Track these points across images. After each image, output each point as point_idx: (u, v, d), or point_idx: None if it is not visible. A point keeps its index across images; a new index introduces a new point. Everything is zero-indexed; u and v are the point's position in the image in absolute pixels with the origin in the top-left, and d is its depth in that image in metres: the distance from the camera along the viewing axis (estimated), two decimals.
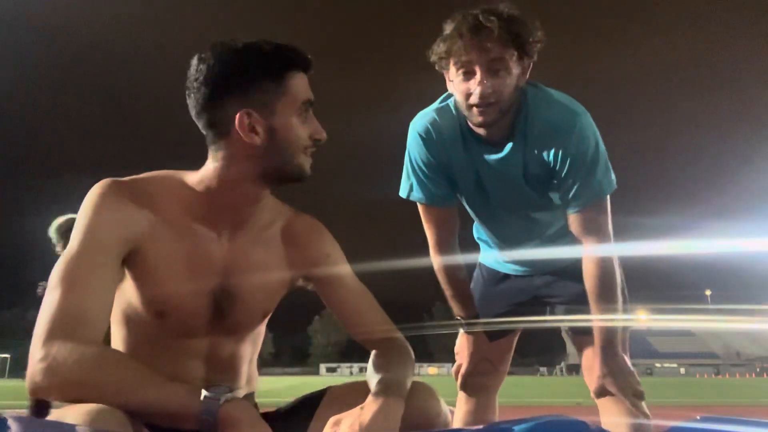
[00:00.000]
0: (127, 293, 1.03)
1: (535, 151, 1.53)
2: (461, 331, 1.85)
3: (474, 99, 1.43)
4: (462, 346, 1.86)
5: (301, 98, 1.03)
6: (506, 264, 1.88)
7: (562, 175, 1.52)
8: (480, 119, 1.46)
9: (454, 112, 1.57)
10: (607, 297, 1.58)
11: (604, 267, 1.57)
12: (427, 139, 1.59)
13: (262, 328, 1.19)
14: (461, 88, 1.45)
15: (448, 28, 1.43)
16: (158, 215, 1.01)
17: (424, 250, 1.79)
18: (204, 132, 1.03)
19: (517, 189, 1.61)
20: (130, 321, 1.05)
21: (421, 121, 1.61)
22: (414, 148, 1.62)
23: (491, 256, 1.92)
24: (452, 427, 1.04)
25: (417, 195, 1.66)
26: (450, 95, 1.59)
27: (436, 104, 1.63)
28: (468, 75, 1.43)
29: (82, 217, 0.97)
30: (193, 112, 1.02)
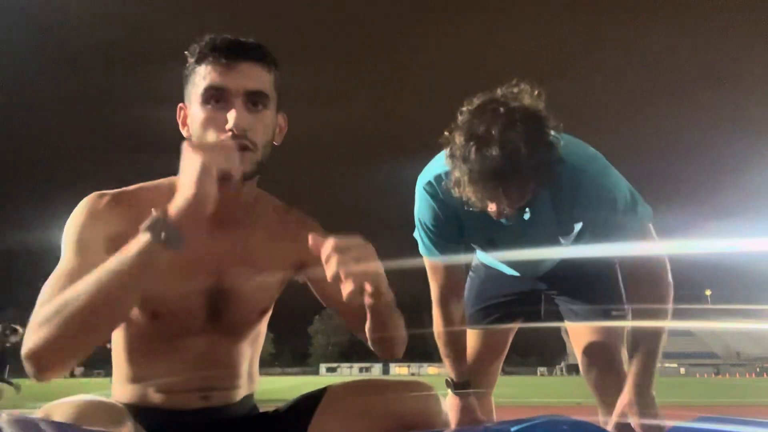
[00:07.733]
0: None
1: (562, 206, 1.43)
2: (449, 392, 1.68)
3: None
4: (451, 406, 1.65)
5: (203, 85, 0.98)
6: (503, 265, 1.84)
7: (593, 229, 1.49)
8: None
9: None
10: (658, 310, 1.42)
11: (654, 267, 1.44)
12: (431, 193, 1.48)
13: (262, 328, 1.18)
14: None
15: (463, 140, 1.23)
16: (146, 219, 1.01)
17: None
18: None
19: (546, 237, 1.54)
20: (127, 324, 1.04)
21: (425, 176, 1.50)
22: (420, 204, 1.53)
23: (491, 259, 1.86)
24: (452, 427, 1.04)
25: (428, 254, 1.58)
26: None
27: (442, 157, 1.39)
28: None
29: (70, 233, 0.96)
30: None
